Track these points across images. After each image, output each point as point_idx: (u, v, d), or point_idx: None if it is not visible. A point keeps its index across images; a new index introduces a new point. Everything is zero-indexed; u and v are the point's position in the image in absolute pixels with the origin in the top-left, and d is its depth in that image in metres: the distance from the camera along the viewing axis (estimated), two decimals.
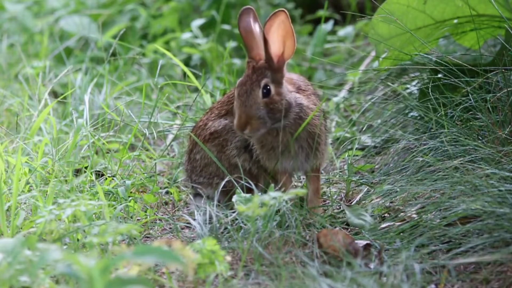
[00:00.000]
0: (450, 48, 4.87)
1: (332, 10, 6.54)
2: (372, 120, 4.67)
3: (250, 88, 3.72)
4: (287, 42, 3.74)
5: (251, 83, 3.72)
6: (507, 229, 3.36)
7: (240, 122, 3.70)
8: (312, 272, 3.30)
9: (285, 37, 3.73)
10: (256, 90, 3.71)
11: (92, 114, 4.91)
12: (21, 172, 3.95)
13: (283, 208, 3.60)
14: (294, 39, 3.74)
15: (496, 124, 4.03)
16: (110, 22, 6.74)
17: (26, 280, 3.02)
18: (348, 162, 4.27)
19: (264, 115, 3.71)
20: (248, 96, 3.71)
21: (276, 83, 3.74)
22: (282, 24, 3.71)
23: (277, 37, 3.73)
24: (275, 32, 3.72)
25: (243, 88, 3.72)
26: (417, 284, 3.23)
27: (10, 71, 6.02)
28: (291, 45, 3.75)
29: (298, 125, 3.78)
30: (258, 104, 3.71)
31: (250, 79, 3.73)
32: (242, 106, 3.70)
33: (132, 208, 4.02)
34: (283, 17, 3.71)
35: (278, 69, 3.75)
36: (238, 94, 3.72)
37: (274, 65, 3.75)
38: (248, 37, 3.78)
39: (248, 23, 3.78)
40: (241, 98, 3.71)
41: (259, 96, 3.72)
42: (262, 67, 3.74)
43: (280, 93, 3.74)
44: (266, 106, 3.72)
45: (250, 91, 3.71)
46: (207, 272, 3.25)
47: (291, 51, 3.76)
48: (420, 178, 3.85)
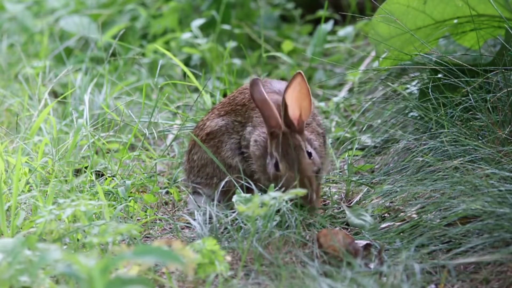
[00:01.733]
0: (450, 48, 4.87)
1: (332, 10, 6.54)
2: (372, 120, 4.67)
3: (297, 155, 3.71)
4: (303, 104, 3.73)
5: (295, 149, 3.71)
6: (507, 229, 3.36)
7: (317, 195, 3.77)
8: (312, 272, 3.30)
9: (301, 99, 3.73)
10: (302, 154, 3.72)
11: (92, 114, 4.91)
12: (21, 172, 3.95)
13: (283, 208, 3.60)
14: (311, 99, 3.74)
15: (496, 124, 4.03)
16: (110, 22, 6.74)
17: (26, 280, 3.02)
18: (348, 162, 4.27)
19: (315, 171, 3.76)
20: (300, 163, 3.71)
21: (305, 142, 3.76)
22: (298, 86, 3.71)
23: (293, 99, 3.72)
24: (291, 95, 3.71)
25: (290, 158, 3.71)
26: (417, 284, 3.23)
27: (10, 71, 6.02)
28: (308, 105, 3.74)
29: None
30: (310, 164, 3.71)
31: (289, 147, 3.71)
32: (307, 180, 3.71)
33: (132, 208, 4.02)
34: (300, 79, 3.71)
35: (301, 131, 3.75)
36: (288, 165, 3.70)
37: (295, 129, 3.74)
38: (264, 107, 3.75)
39: (262, 93, 3.75)
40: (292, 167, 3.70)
41: (307, 157, 3.72)
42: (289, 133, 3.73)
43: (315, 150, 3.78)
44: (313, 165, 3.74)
45: (302, 157, 3.71)
46: (207, 272, 3.26)
47: (308, 111, 3.75)
48: (420, 178, 3.85)
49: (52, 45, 6.46)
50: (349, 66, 5.71)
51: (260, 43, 5.91)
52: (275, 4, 6.80)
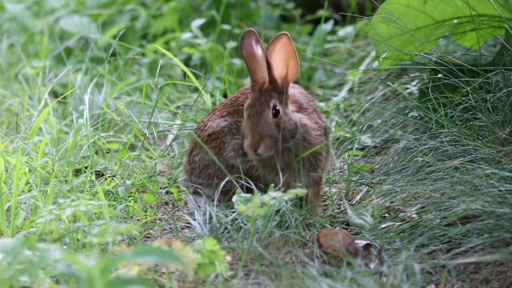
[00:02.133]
0: (450, 48, 4.87)
1: (332, 10, 6.54)
2: (372, 120, 4.67)
3: (260, 109, 3.73)
4: (290, 64, 3.75)
5: (260, 104, 3.74)
6: (507, 229, 3.36)
7: (254, 141, 3.71)
8: (312, 272, 3.30)
9: (288, 59, 3.75)
10: (266, 111, 3.73)
11: (92, 114, 4.91)
12: (21, 172, 3.95)
13: (283, 208, 3.60)
14: (297, 60, 3.75)
15: (496, 124, 4.03)
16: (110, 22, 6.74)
17: (26, 280, 3.02)
18: (348, 162, 4.27)
19: (276, 134, 3.73)
20: (259, 117, 3.72)
21: (282, 104, 3.76)
22: (284, 47, 3.72)
23: (280, 59, 3.74)
24: (278, 54, 3.73)
25: (253, 109, 3.74)
26: (417, 284, 3.23)
27: (10, 71, 6.02)
28: (294, 66, 3.76)
29: (302, 146, 3.80)
30: (269, 124, 3.72)
31: (259, 101, 3.74)
32: (254, 126, 3.72)
33: (132, 208, 4.02)
34: (285, 40, 3.72)
35: (283, 91, 3.77)
36: (249, 116, 3.74)
37: (278, 87, 3.76)
38: (251, 60, 3.78)
39: (251, 46, 3.79)
40: (251, 119, 3.73)
41: (270, 116, 3.73)
42: (268, 89, 3.75)
43: (287, 114, 3.77)
44: (277, 126, 3.73)
45: (260, 112, 3.73)
46: (207, 272, 3.25)
47: (295, 72, 3.77)
48: (420, 178, 3.85)
49: (52, 45, 6.46)
50: (349, 66, 5.71)
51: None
52: (275, 4, 6.81)
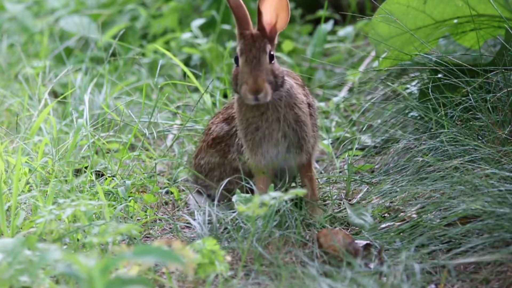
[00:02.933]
0: (450, 48, 4.87)
1: (332, 10, 6.54)
2: (372, 120, 4.67)
3: (258, 53, 3.72)
4: (280, 14, 3.77)
5: (256, 49, 3.73)
6: (507, 229, 3.36)
7: (256, 85, 3.67)
8: (312, 272, 3.30)
9: (278, 9, 3.77)
10: (264, 56, 3.72)
11: (92, 114, 4.91)
12: (21, 172, 3.95)
13: (283, 208, 3.60)
14: (288, 11, 3.77)
15: (496, 124, 4.03)
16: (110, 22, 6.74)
17: (26, 280, 3.02)
18: (348, 162, 4.27)
19: (273, 80, 3.72)
20: (258, 61, 3.70)
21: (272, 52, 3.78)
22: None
23: (271, 8, 3.76)
24: (269, 3, 3.75)
25: (251, 54, 3.72)
26: (417, 284, 3.23)
27: (10, 71, 6.02)
28: (285, 16, 3.78)
29: (287, 104, 3.78)
30: (267, 69, 3.71)
31: (255, 46, 3.73)
32: (255, 70, 3.69)
33: (132, 208, 4.02)
34: None
35: (271, 39, 3.78)
36: (247, 60, 3.71)
37: (266, 35, 3.77)
38: (238, 8, 3.80)
39: None
40: (251, 64, 3.70)
41: (267, 61, 3.72)
42: (260, 36, 3.76)
43: (276, 63, 3.77)
44: (272, 72, 3.73)
45: (259, 56, 3.71)
46: (207, 272, 3.25)
47: (284, 22, 3.79)
48: (420, 178, 3.85)
49: (52, 45, 6.46)
50: (349, 66, 5.71)
51: None
52: None
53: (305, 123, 3.82)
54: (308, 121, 3.84)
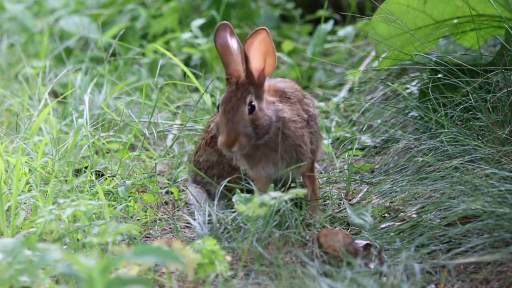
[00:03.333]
0: (450, 48, 4.87)
1: (332, 10, 6.54)
2: (372, 120, 4.67)
3: (236, 104, 3.68)
4: (268, 59, 3.71)
5: (236, 99, 3.68)
6: (507, 229, 3.36)
7: (229, 139, 3.65)
8: (312, 272, 3.30)
9: (266, 54, 3.71)
10: (242, 107, 3.68)
11: (92, 114, 4.91)
12: (21, 172, 3.95)
13: (283, 208, 3.60)
14: (275, 56, 3.72)
15: (496, 124, 4.03)
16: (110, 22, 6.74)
17: (26, 280, 3.02)
18: (348, 162, 4.27)
19: (251, 132, 3.68)
20: (235, 113, 3.67)
21: (258, 99, 3.72)
22: (263, 42, 3.68)
23: (258, 53, 3.70)
24: (256, 49, 3.69)
25: (229, 104, 3.68)
26: (417, 284, 3.23)
27: (10, 71, 6.02)
28: (272, 61, 3.72)
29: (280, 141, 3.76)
30: (245, 121, 3.67)
31: (235, 96, 3.69)
32: (229, 123, 3.66)
33: (132, 208, 4.02)
34: (264, 35, 3.67)
35: (260, 85, 3.73)
36: (224, 111, 3.68)
37: (255, 81, 3.72)
38: (225, 53, 3.74)
39: (225, 38, 3.75)
40: (227, 115, 3.67)
41: (246, 112, 3.68)
42: (245, 83, 3.71)
43: (262, 109, 3.72)
44: (252, 122, 3.69)
45: (237, 107, 3.67)
46: (207, 272, 3.25)
47: (272, 67, 3.73)
48: (420, 178, 3.85)
49: (52, 45, 6.46)
50: (349, 66, 5.71)
51: None
52: (275, 4, 6.80)
53: (301, 145, 3.81)
54: (305, 140, 3.82)
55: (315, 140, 3.90)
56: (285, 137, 3.77)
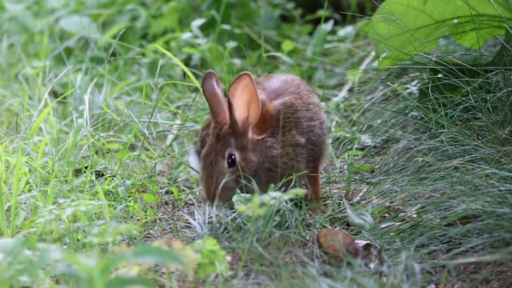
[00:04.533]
0: (450, 48, 4.87)
1: (332, 10, 6.54)
2: (372, 120, 4.67)
3: (215, 159, 3.68)
4: (251, 106, 3.68)
5: (215, 153, 3.68)
6: (507, 229, 3.36)
7: (209, 195, 3.68)
8: (312, 272, 3.30)
9: (249, 102, 3.67)
10: (221, 161, 3.68)
11: (92, 114, 4.91)
12: (21, 172, 3.95)
13: (283, 208, 3.60)
14: (259, 102, 3.67)
15: (496, 124, 4.03)
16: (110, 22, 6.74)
17: (26, 280, 3.02)
18: (348, 162, 4.27)
19: (232, 184, 3.68)
20: (214, 168, 3.67)
21: (241, 148, 3.70)
22: (246, 88, 3.65)
23: (242, 101, 3.67)
24: (240, 96, 3.65)
25: (208, 159, 3.68)
26: (417, 284, 3.23)
27: (10, 71, 6.02)
28: (256, 108, 3.68)
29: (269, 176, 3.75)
30: (224, 174, 3.68)
31: (215, 150, 3.68)
32: (208, 178, 3.67)
33: (132, 208, 4.02)
34: (247, 80, 3.64)
35: (243, 134, 3.70)
36: (204, 166, 3.69)
37: (239, 130, 3.69)
38: (214, 101, 3.72)
39: (213, 87, 3.72)
40: (207, 170, 3.68)
41: (225, 166, 3.68)
42: (226, 134, 3.69)
43: (246, 158, 3.70)
44: (233, 173, 3.69)
45: (215, 162, 3.68)
46: (207, 272, 3.25)
47: (256, 115, 3.69)
48: (420, 178, 3.85)
49: (52, 45, 6.46)
50: (349, 66, 5.71)
51: (260, 43, 5.91)
52: (275, 4, 6.81)
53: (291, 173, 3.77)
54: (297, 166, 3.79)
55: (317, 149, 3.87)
56: (274, 172, 3.76)
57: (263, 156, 3.74)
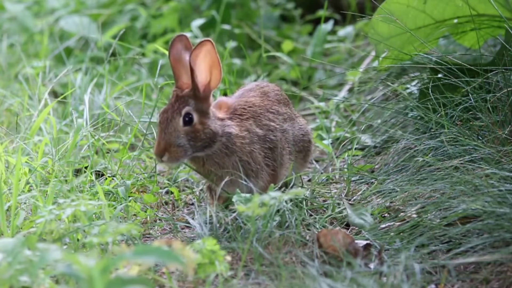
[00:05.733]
0: (450, 48, 4.87)
1: (332, 10, 6.54)
2: (372, 120, 4.67)
3: (171, 116, 3.70)
4: (213, 72, 3.71)
5: (172, 111, 3.70)
6: (507, 229, 3.36)
7: (159, 149, 3.68)
8: (312, 272, 3.30)
9: (211, 67, 3.71)
10: (177, 118, 3.69)
11: (92, 114, 4.91)
12: (21, 172, 3.95)
13: (283, 208, 3.60)
14: (221, 68, 3.72)
15: (496, 124, 4.03)
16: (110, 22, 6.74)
17: (26, 280, 3.02)
18: (348, 162, 4.27)
19: (185, 143, 3.69)
20: (168, 124, 3.69)
21: (200, 112, 3.72)
22: (208, 54, 3.69)
23: (204, 66, 3.70)
24: (202, 61, 3.69)
25: (165, 115, 3.70)
26: (417, 284, 3.23)
27: (10, 71, 6.02)
28: (217, 74, 3.72)
29: (224, 154, 3.76)
30: (178, 132, 3.69)
31: (172, 107, 3.71)
32: (161, 133, 3.69)
33: (132, 208, 4.02)
34: (209, 46, 3.68)
35: (204, 98, 3.73)
36: (159, 122, 3.71)
37: (200, 94, 3.72)
38: (176, 65, 3.76)
39: (178, 51, 3.76)
40: (161, 125, 3.70)
41: (180, 124, 3.69)
42: (186, 95, 3.72)
43: (204, 123, 3.72)
44: (187, 134, 3.70)
45: (171, 118, 3.69)
46: (207, 272, 3.25)
47: (218, 80, 3.73)
48: (420, 178, 3.85)
49: (52, 45, 6.46)
50: (349, 66, 5.71)
51: (260, 43, 5.91)
52: (275, 4, 6.81)
53: (250, 162, 3.79)
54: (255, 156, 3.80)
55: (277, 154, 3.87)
56: (231, 152, 3.77)
57: (221, 130, 3.76)
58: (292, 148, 3.94)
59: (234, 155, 3.77)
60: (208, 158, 3.76)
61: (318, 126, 4.93)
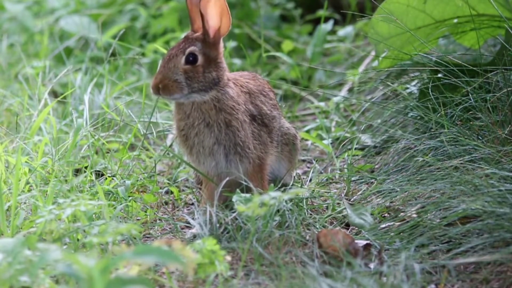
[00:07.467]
0: (450, 48, 4.87)
1: (332, 10, 6.54)
2: (372, 120, 4.67)
3: (175, 53, 3.78)
4: (223, 19, 3.82)
5: (178, 49, 3.80)
6: (507, 229, 3.36)
7: (155, 81, 3.76)
8: (312, 272, 3.30)
9: (221, 14, 3.81)
10: (180, 56, 3.78)
11: (92, 114, 4.91)
12: (21, 172, 3.95)
13: (283, 208, 3.60)
14: (229, 16, 3.82)
15: (496, 124, 4.03)
16: (110, 22, 6.74)
17: (26, 280, 3.02)
18: (348, 162, 4.27)
19: (182, 81, 3.75)
20: (171, 60, 3.77)
21: (207, 56, 3.80)
22: (218, 2, 3.79)
23: (215, 12, 3.80)
24: (213, 7, 3.79)
25: (169, 52, 3.80)
26: (417, 284, 3.23)
27: (10, 71, 6.02)
28: (227, 21, 3.82)
29: (213, 107, 3.79)
30: (177, 68, 3.76)
31: (178, 46, 3.81)
32: (161, 67, 3.78)
33: (132, 208, 4.02)
34: None
35: (213, 44, 3.81)
36: (163, 59, 3.80)
37: (209, 40, 3.81)
38: (192, 9, 3.86)
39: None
40: (164, 60, 3.80)
41: (181, 61, 3.77)
42: (195, 37, 3.82)
43: (208, 67, 3.79)
44: (185, 72, 3.76)
45: (174, 55, 3.78)
46: (207, 272, 3.25)
47: (227, 27, 3.83)
48: (420, 178, 3.85)
49: (52, 45, 6.46)
50: (349, 66, 5.71)
51: (260, 43, 5.91)
52: (275, 4, 6.80)
53: (239, 128, 3.81)
54: (244, 127, 3.82)
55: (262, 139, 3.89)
56: (219, 109, 3.79)
57: (220, 83, 3.80)
58: (279, 138, 3.96)
59: (222, 113, 3.80)
60: (196, 108, 3.79)
61: (318, 126, 4.93)
